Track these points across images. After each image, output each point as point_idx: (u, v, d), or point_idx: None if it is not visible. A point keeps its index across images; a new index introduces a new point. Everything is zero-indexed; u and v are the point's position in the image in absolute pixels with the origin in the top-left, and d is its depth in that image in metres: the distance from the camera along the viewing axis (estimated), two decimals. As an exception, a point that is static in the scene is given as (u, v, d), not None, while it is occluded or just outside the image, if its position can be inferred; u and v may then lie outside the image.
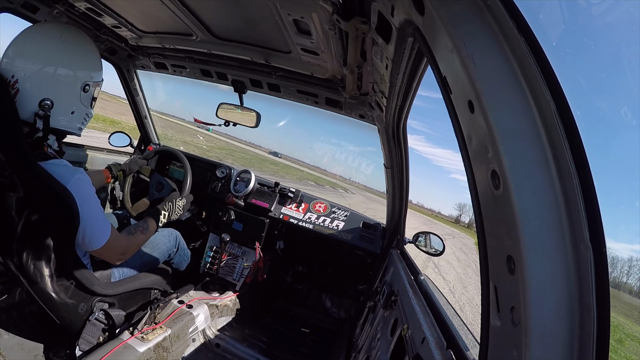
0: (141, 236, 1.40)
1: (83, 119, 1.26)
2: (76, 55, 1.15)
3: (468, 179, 0.54)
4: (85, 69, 1.17)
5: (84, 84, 1.18)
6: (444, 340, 0.88)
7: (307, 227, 2.16)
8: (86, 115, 1.26)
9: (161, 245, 1.72)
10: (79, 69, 1.15)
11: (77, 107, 1.20)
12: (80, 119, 1.24)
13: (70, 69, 1.13)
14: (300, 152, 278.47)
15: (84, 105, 1.22)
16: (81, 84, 1.17)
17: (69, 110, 1.18)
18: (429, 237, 1.92)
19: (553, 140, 0.42)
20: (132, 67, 2.19)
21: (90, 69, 1.20)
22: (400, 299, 1.29)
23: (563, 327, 0.41)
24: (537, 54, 0.43)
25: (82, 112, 1.23)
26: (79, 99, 1.19)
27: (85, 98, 1.21)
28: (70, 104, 1.17)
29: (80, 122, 1.25)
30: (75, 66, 1.14)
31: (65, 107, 1.16)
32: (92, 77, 1.20)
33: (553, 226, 0.42)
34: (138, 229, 1.40)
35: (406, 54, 0.86)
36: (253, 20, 1.27)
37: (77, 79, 1.16)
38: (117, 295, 1.40)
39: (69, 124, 1.20)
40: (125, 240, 1.31)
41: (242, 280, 2.17)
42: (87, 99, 1.22)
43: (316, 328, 2.43)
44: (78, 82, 1.16)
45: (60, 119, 1.16)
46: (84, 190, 1.12)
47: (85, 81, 1.18)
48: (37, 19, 1.47)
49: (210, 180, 2.34)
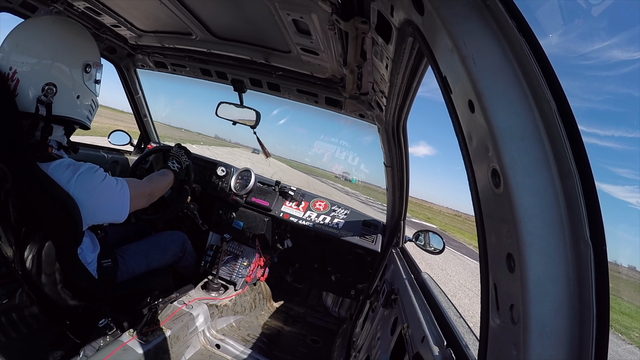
0: (161, 178, 1.46)
1: (90, 106, 1.24)
2: (71, 36, 1.15)
3: (468, 178, 0.55)
4: (82, 51, 1.17)
5: (85, 63, 1.17)
6: (444, 338, 0.88)
7: (308, 226, 2.16)
8: (92, 102, 1.25)
9: (168, 251, 1.73)
10: (77, 50, 1.15)
11: (82, 91, 1.18)
12: (86, 105, 1.22)
13: (68, 50, 1.13)
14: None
15: (88, 89, 1.21)
16: (82, 64, 1.16)
17: (74, 95, 1.16)
18: (429, 236, 1.92)
19: (553, 139, 0.42)
20: (132, 66, 2.19)
21: (88, 50, 1.19)
22: (400, 298, 1.29)
23: (562, 324, 0.41)
24: (537, 54, 0.43)
25: (88, 96, 1.22)
26: (82, 81, 1.17)
27: (88, 79, 1.19)
28: (74, 87, 1.16)
29: (88, 109, 1.23)
30: (72, 48, 1.14)
31: (70, 91, 1.15)
32: (91, 58, 1.19)
33: (553, 224, 0.42)
34: (157, 174, 1.47)
35: (406, 54, 0.86)
36: (252, 20, 1.27)
37: (77, 60, 1.15)
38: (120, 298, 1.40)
39: (76, 111, 1.18)
40: (147, 182, 1.37)
41: (242, 280, 2.18)
42: (90, 81, 1.21)
43: (316, 327, 2.43)
44: (79, 62, 1.15)
45: (65, 105, 1.14)
46: (90, 181, 1.10)
47: (85, 61, 1.17)
48: (36, 18, 1.46)
49: (210, 178, 2.34)
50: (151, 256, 1.59)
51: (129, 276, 1.46)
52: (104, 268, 1.32)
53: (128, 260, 1.48)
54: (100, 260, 1.31)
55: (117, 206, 1.18)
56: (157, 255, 1.64)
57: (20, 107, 1.05)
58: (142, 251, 1.57)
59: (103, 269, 1.32)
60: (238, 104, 1.91)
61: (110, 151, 2.37)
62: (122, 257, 1.46)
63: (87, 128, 1.28)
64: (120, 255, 1.46)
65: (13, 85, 1.06)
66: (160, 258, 1.65)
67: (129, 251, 1.52)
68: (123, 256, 1.47)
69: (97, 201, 1.11)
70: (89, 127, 1.27)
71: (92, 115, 1.28)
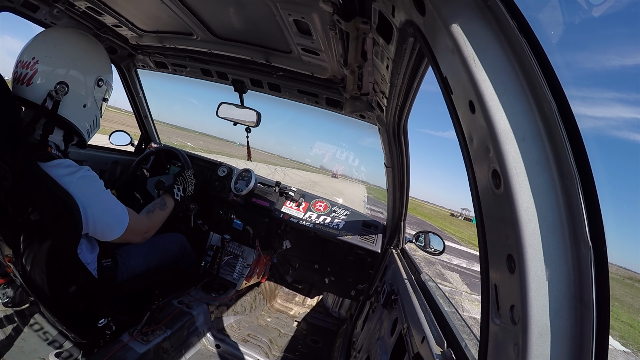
0: (160, 213, 1.42)
1: (92, 120, 1.27)
2: (94, 51, 1.23)
3: (469, 178, 0.55)
4: (101, 65, 1.24)
5: (98, 77, 1.23)
6: (444, 339, 0.88)
7: (308, 227, 2.16)
8: (95, 117, 1.28)
9: (168, 252, 1.73)
10: (96, 62, 1.23)
11: (90, 102, 1.23)
12: (90, 118, 1.26)
13: (89, 61, 1.20)
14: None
15: (96, 103, 1.25)
16: (96, 77, 1.22)
17: (81, 102, 1.21)
18: (429, 237, 1.92)
19: (554, 140, 0.43)
20: (133, 66, 2.19)
21: (105, 67, 1.27)
22: (400, 298, 1.29)
23: (563, 325, 0.41)
24: (538, 54, 0.43)
25: (93, 111, 1.26)
26: (92, 93, 1.23)
27: (98, 94, 1.24)
28: (84, 96, 1.20)
29: (90, 122, 1.26)
30: (93, 60, 1.22)
31: (79, 98, 1.19)
32: (106, 75, 1.26)
33: (553, 225, 0.42)
34: (156, 206, 1.42)
35: (407, 54, 0.86)
36: (253, 20, 1.27)
37: (94, 70, 1.21)
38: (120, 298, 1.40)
39: (79, 119, 1.22)
40: (146, 219, 1.34)
41: (242, 280, 2.17)
42: (99, 95, 1.25)
43: (316, 328, 2.43)
44: (94, 74, 1.21)
45: (72, 108, 1.18)
46: (90, 187, 1.11)
47: (99, 75, 1.23)
48: (37, 18, 1.47)
49: (211, 179, 2.34)
50: (150, 257, 1.59)
51: (129, 276, 1.46)
52: (104, 267, 1.32)
53: (127, 260, 1.48)
54: (101, 260, 1.31)
55: (111, 221, 1.19)
56: (156, 256, 1.63)
57: (29, 95, 1.10)
58: (141, 251, 1.57)
59: (103, 268, 1.32)
60: (239, 104, 1.91)
61: (110, 151, 2.37)
62: (121, 256, 1.46)
63: (84, 145, 1.30)
64: (120, 255, 1.46)
65: (30, 74, 1.10)
66: (159, 259, 1.65)
67: (128, 251, 1.52)
68: (122, 256, 1.47)
69: (95, 208, 1.12)
70: (85, 145, 1.31)
71: (92, 132, 1.31)
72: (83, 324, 1.28)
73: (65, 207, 1.05)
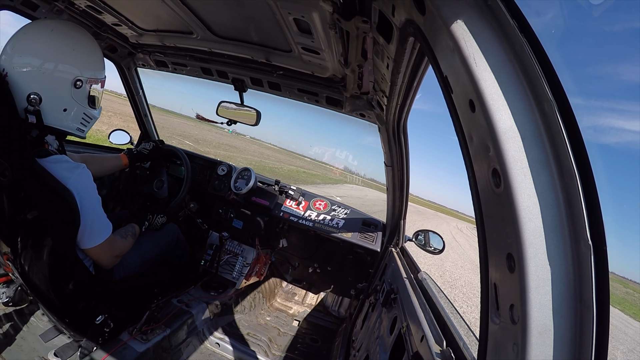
0: (132, 240, 1.42)
1: (82, 119, 1.20)
2: (66, 49, 1.10)
3: (469, 177, 0.55)
4: (75, 64, 1.12)
5: (75, 79, 1.12)
6: (443, 338, 0.88)
7: (308, 225, 2.16)
8: (85, 115, 1.20)
9: (161, 241, 1.72)
10: (68, 63, 1.11)
11: (69, 105, 1.14)
12: (77, 118, 1.18)
13: (58, 62, 1.08)
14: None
15: (78, 104, 1.16)
16: (72, 79, 1.12)
17: (60, 107, 1.13)
18: (429, 235, 1.92)
19: (554, 139, 0.43)
20: (133, 65, 2.18)
21: (83, 64, 1.14)
22: (399, 297, 1.29)
23: (562, 324, 0.41)
24: (538, 53, 0.43)
25: (79, 111, 1.18)
26: (69, 96, 1.13)
27: (78, 95, 1.15)
28: (60, 100, 1.12)
29: (78, 122, 1.20)
30: (63, 60, 1.09)
31: (55, 104, 1.11)
32: (85, 73, 1.15)
33: (553, 224, 0.42)
34: (128, 233, 1.41)
35: (407, 54, 0.86)
36: (254, 19, 1.27)
37: (66, 73, 1.10)
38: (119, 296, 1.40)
39: (64, 123, 1.16)
40: (121, 243, 1.32)
41: (241, 279, 2.18)
42: (81, 97, 1.16)
43: (316, 326, 2.43)
44: (67, 77, 1.11)
45: (52, 116, 1.11)
46: (85, 186, 1.11)
47: (75, 76, 1.12)
48: (37, 16, 1.46)
49: (210, 178, 2.34)
50: (143, 248, 1.58)
51: (124, 269, 1.46)
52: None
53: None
54: None
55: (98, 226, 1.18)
56: (148, 245, 1.62)
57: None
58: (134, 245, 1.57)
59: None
60: (239, 103, 1.91)
61: (109, 151, 2.37)
62: None
63: (81, 137, 1.25)
64: None
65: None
66: (152, 249, 1.64)
67: None
68: None
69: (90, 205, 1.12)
70: (83, 137, 1.25)
71: (87, 127, 1.24)
72: (81, 321, 1.28)
73: (64, 201, 1.05)
